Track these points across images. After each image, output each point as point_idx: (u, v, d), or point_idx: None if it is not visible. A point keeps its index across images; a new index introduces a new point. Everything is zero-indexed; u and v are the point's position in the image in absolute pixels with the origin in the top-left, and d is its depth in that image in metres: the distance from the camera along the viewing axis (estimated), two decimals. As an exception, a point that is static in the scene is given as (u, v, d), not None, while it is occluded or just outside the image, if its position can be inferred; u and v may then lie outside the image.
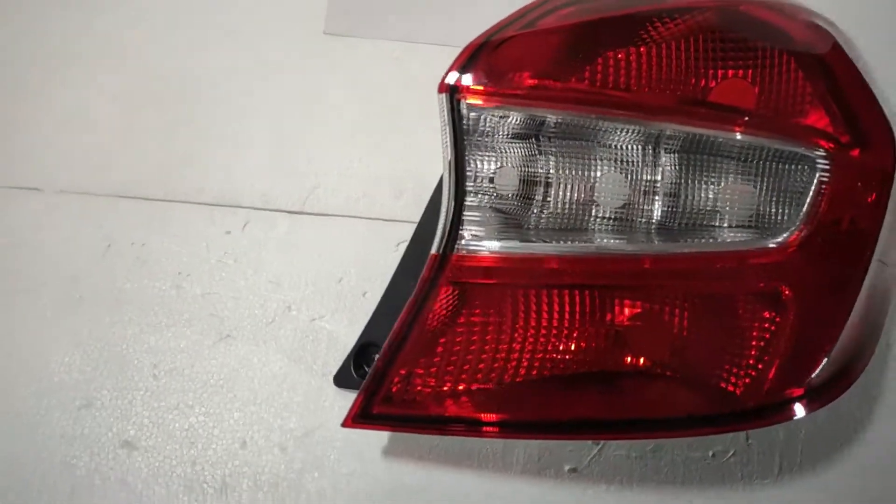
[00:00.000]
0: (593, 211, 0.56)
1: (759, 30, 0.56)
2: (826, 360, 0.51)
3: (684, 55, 0.54)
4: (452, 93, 0.52)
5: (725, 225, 0.55)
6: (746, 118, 0.53)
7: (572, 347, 0.54)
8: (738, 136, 0.53)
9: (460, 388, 0.54)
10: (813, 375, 0.51)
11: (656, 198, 0.56)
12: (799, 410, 0.52)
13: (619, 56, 0.54)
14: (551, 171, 0.56)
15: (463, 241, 0.54)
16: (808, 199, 0.52)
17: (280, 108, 0.74)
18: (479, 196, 0.55)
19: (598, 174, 0.56)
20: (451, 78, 0.52)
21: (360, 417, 0.54)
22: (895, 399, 0.64)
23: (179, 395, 0.62)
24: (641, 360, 0.55)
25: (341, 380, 0.60)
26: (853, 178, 0.52)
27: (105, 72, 0.74)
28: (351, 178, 0.71)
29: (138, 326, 0.65)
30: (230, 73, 0.75)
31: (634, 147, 0.55)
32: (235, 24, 0.77)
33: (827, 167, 0.51)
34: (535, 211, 0.56)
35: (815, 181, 0.51)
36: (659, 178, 0.56)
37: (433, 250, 0.53)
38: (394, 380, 0.54)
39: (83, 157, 0.71)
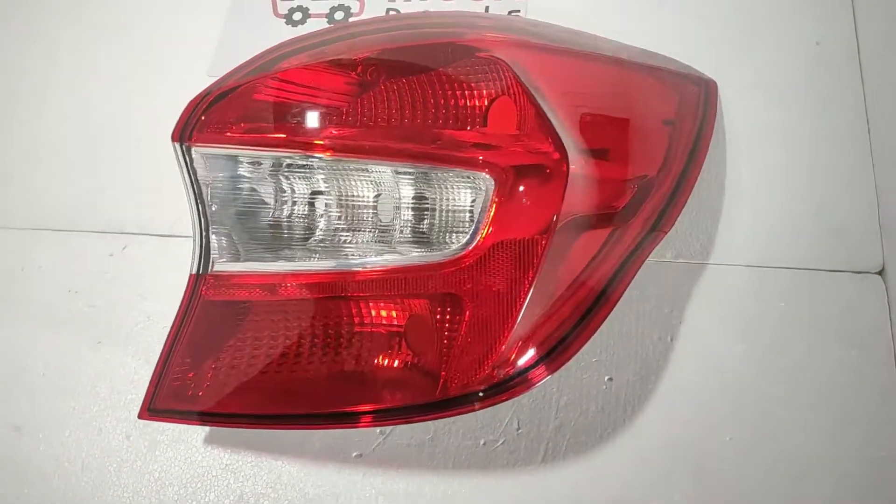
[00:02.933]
0: (357, 234, 0.63)
1: (490, 65, 0.60)
2: (504, 347, 0.55)
3: (420, 99, 0.60)
4: (181, 141, 0.60)
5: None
6: (481, 158, 0.58)
7: (310, 350, 0.61)
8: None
9: (227, 388, 0.63)
10: (498, 363, 0.55)
11: (409, 215, 0.62)
12: (529, 386, 0.56)
13: (364, 99, 0.61)
14: (324, 200, 0.63)
15: (216, 265, 0.62)
16: (477, 218, 0.57)
17: (161, 146, 0.86)
18: (237, 223, 0.63)
19: (366, 199, 0.63)
20: (180, 128, 0.60)
21: (149, 411, 0.64)
22: (665, 398, 0.66)
23: (59, 390, 0.76)
24: (373, 360, 0.61)
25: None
26: (520, 201, 0.56)
27: (21, 122, 0.90)
28: (213, 203, 0.82)
29: (34, 334, 0.79)
30: (126, 117, 0.89)
31: (389, 178, 0.61)
32: (136, 71, 0.91)
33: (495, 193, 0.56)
34: (307, 234, 0.63)
35: (485, 205, 0.56)
36: (407, 199, 0.62)
37: (191, 271, 0.63)
38: (169, 382, 0.63)
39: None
